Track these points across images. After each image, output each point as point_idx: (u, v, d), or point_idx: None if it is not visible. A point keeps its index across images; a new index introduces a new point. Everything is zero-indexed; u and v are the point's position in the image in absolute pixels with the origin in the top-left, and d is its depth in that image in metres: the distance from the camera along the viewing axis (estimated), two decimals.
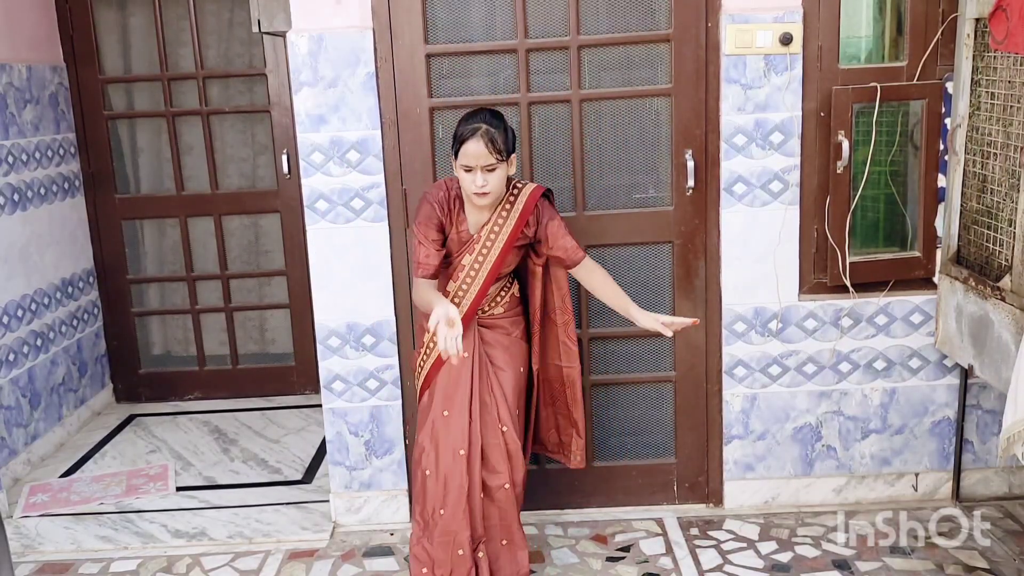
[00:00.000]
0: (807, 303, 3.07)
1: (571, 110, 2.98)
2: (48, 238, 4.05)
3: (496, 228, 2.51)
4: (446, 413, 2.58)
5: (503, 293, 2.67)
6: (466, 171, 2.43)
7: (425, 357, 2.65)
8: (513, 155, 2.50)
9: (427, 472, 2.61)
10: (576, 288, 3.09)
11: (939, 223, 2.99)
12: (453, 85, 2.98)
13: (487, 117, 2.45)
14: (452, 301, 2.49)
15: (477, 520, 2.62)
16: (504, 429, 2.61)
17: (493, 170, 2.41)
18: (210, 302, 4.53)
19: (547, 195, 2.62)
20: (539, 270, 2.67)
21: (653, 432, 3.23)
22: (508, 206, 2.52)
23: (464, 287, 2.55)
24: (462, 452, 2.56)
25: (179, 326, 4.60)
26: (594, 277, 2.63)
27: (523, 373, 2.70)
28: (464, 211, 2.56)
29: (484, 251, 2.52)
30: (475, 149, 2.39)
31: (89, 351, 4.37)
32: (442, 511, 2.60)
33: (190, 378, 4.57)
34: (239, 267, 4.52)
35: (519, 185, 2.57)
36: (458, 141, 2.43)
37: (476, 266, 2.52)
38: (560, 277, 2.70)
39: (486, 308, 2.63)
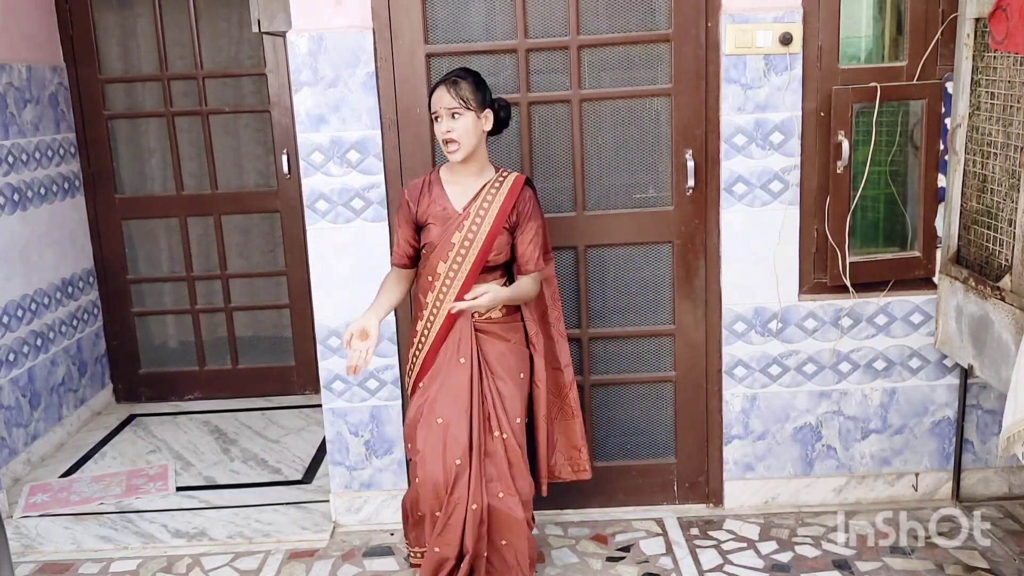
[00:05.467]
0: (807, 303, 3.07)
1: (571, 110, 2.98)
2: (48, 238, 4.04)
3: (485, 204, 2.52)
4: (440, 420, 2.54)
5: None
6: (436, 120, 2.51)
7: (420, 346, 2.63)
8: (488, 111, 2.53)
9: (415, 479, 2.59)
10: (576, 288, 3.10)
11: (939, 223, 2.99)
12: None
13: (456, 71, 2.55)
14: (444, 281, 2.52)
15: (469, 537, 2.54)
16: (504, 436, 2.57)
17: (457, 116, 2.46)
18: (210, 302, 4.53)
19: (530, 184, 2.63)
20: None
21: (653, 432, 3.23)
22: (497, 184, 2.55)
23: (455, 266, 2.52)
24: (458, 463, 2.52)
25: (179, 326, 4.60)
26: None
27: (524, 380, 2.65)
28: (444, 188, 2.57)
29: (474, 227, 2.50)
30: (437, 94, 2.50)
31: (89, 351, 4.37)
32: (428, 516, 2.57)
33: (190, 378, 4.57)
34: (239, 267, 4.53)
35: (505, 172, 2.60)
36: (429, 96, 2.53)
37: (467, 244, 2.50)
38: (549, 273, 2.73)
39: (483, 311, 2.58)
